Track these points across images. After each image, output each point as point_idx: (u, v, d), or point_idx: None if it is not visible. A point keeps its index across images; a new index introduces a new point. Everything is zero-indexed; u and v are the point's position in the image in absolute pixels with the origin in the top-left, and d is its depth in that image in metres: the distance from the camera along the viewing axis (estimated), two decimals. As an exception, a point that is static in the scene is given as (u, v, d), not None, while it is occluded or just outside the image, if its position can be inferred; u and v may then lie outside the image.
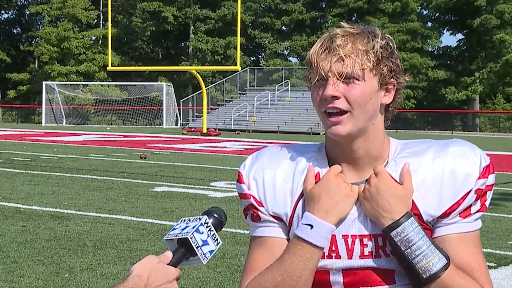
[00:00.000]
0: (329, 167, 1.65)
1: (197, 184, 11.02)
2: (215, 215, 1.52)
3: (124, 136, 27.84)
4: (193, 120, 40.48)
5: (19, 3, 61.42)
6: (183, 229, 1.47)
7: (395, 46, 1.65)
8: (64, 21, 53.32)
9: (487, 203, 1.64)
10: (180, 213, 8.08)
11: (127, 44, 58.78)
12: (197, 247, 1.45)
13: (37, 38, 55.80)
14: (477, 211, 1.62)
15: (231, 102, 41.97)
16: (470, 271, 1.58)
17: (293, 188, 1.66)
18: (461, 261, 1.59)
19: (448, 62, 52.48)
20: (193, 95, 42.36)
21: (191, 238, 1.44)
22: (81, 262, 5.55)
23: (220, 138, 27.62)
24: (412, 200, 1.59)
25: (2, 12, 61.88)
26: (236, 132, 34.52)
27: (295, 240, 1.57)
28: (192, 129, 35.41)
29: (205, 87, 35.82)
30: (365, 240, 1.60)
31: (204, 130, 31.74)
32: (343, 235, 1.61)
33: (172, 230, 1.48)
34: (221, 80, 45.68)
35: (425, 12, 53.84)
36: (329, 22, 53.15)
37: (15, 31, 62.57)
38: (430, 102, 50.37)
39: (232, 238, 6.51)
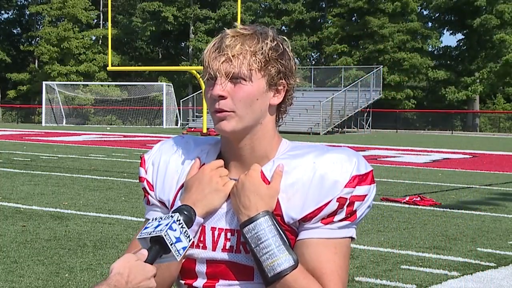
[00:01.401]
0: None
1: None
2: (185, 213, 1.55)
3: (124, 136, 27.84)
4: (193, 120, 40.48)
5: (19, 3, 61.43)
6: (155, 227, 1.49)
7: (288, 47, 1.67)
8: (64, 21, 53.30)
9: (358, 214, 1.62)
10: (180, 213, 8.07)
11: (127, 44, 58.77)
12: (171, 244, 1.47)
13: (37, 38, 55.79)
14: (342, 220, 1.62)
15: (231, 102, 41.92)
16: (320, 276, 1.59)
17: (179, 177, 1.72)
18: (314, 266, 1.60)
19: (448, 62, 52.47)
20: (193, 95, 42.34)
21: (165, 235, 1.47)
22: (81, 262, 5.55)
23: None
24: (278, 201, 1.61)
25: (2, 12, 61.89)
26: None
27: None
28: (192, 129, 35.42)
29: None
30: (229, 235, 1.65)
31: (204, 130, 31.74)
32: (211, 227, 1.66)
33: (145, 228, 1.51)
34: (221, 80, 45.62)
35: (425, 12, 53.84)
36: (329, 22, 53.19)
37: (15, 31, 62.56)
38: (430, 102, 50.36)
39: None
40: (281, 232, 1.60)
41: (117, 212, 8.02)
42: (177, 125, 43.16)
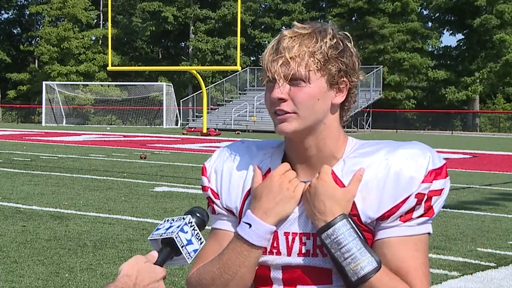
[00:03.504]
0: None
1: (197, 184, 11.01)
2: (198, 215, 1.54)
3: (124, 136, 27.83)
4: (193, 120, 40.46)
5: (19, 3, 61.42)
6: (167, 229, 1.48)
7: (350, 44, 1.63)
8: (64, 21, 53.31)
9: (435, 209, 1.60)
10: (180, 213, 8.07)
11: (127, 44, 58.75)
12: (182, 247, 1.46)
13: (37, 38, 55.78)
14: (421, 216, 1.59)
15: (231, 102, 41.97)
16: (405, 275, 1.57)
17: (245, 183, 1.69)
18: (397, 265, 1.57)
19: (448, 62, 52.46)
20: (193, 95, 42.34)
21: (176, 237, 1.46)
22: (81, 262, 5.55)
23: (220, 138, 27.61)
24: (353, 201, 1.59)
25: (2, 12, 61.95)
26: (236, 132, 34.51)
27: (235, 237, 1.60)
28: (192, 129, 35.40)
29: (205, 87, 35.82)
30: (304, 239, 1.61)
31: (204, 130, 31.74)
32: (284, 232, 1.62)
33: (156, 230, 1.50)
34: (221, 80, 45.67)
35: (425, 12, 53.84)
36: (329, 22, 53.13)
37: (15, 31, 62.56)
38: (430, 102, 50.36)
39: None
40: (360, 234, 1.57)
41: (117, 212, 8.02)
42: (177, 125, 43.16)
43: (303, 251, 1.61)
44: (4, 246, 6.06)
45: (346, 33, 1.65)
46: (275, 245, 1.62)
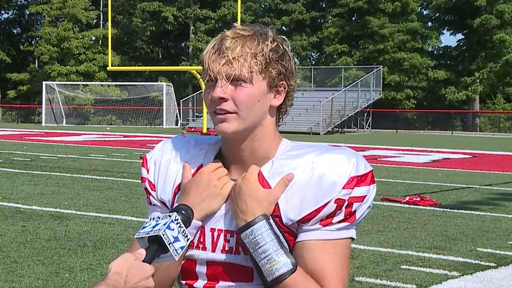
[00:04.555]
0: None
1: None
2: (183, 212, 1.55)
3: (124, 136, 27.83)
4: (193, 120, 40.47)
5: (19, 3, 61.40)
6: (153, 227, 1.49)
7: (288, 47, 1.66)
8: (64, 21, 53.29)
9: (358, 215, 1.62)
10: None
11: (127, 44, 58.75)
12: (169, 244, 1.47)
13: (37, 38, 55.76)
14: (341, 221, 1.61)
15: (231, 102, 41.92)
16: (321, 278, 1.59)
17: (176, 177, 1.72)
18: (313, 268, 1.59)
19: (448, 62, 52.44)
20: (193, 95, 42.34)
21: (163, 235, 1.46)
22: (81, 262, 5.55)
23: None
24: (277, 202, 1.61)
25: (2, 12, 61.89)
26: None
27: None
28: (192, 129, 35.42)
29: (205, 87, 35.80)
30: (229, 236, 1.64)
31: (204, 130, 31.73)
32: (211, 229, 1.66)
33: (142, 228, 1.51)
34: (221, 80, 45.62)
35: (425, 12, 53.81)
36: (329, 22, 53.16)
37: (15, 31, 62.56)
38: (430, 102, 50.34)
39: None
40: (279, 236, 1.59)
41: (117, 212, 8.02)
42: (177, 125, 43.15)
43: (227, 248, 1.64)
44: (4, 246, 6.06)
45: (284, 37, 1.67)
46: (201, 240, 1.66)
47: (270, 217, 1.60)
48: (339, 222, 1.61)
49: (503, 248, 6.50)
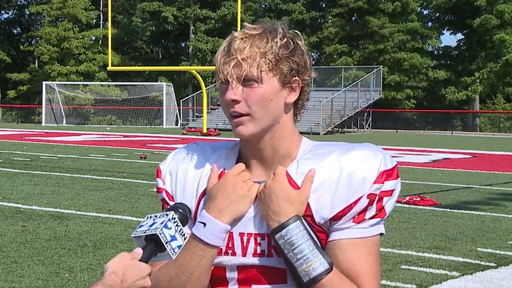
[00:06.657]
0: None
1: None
2: (180, 211, 1.54)
3: (124, 136, 27.83)
4: (193, 120, 40.46)
5: (19, 3, 61.41)
6: (150, 226, 1.48)
7: (301, 41, 1.64)
8: (64, 21, 53.30)
9: (387, 209, 1.62)
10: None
11: (127, 44, 58.76)
12: (166, 243, 1.46)
13: (37, 38, 55.77)
14: (373, 217, 1.61)
15: (231, 102, 41.90)
16: (356, 277, 1.59)
17: (199, 185, 1.70)
18: (348, 267, 1.59)
19: (448, 62, 52.46)
20: (193, 95, 42.33)
21: (160, 234, 1.46)
22: (81, 262, 5.55)
23: (220, 138, 27.60)
24: (308, 202, 1.60)
25: (2, 12, 61.89)
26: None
27: (191, 237, 1.61)
28: (192, 129, 35.40)
29: (205, 87, 35.80)
30: (259, 239, 1.63)
31: (204, 130, 31.74)
32: (239, 233, 1.64)
33: (139, 227, 1.50)
34: (221, 80, 45.61)
35: (425, 12, 53.84)
36: (329, 22, 53.18)
37: (15, 31, 62.56)
38: (430, 102, 50.35)
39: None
40: (313, 236, 1.59)
41: (117, 212, 8.02)
42: (177, 125, 43.15)
43: (258, 251, 1.63)
44: (4, 246, 6.06)
45: (296, 31, 1.65)
46: (230, 245, 1.64)
47: (303, 217, 1.59)
48: (371, 218, 1.61)
49: (503, 248, 6.50)
